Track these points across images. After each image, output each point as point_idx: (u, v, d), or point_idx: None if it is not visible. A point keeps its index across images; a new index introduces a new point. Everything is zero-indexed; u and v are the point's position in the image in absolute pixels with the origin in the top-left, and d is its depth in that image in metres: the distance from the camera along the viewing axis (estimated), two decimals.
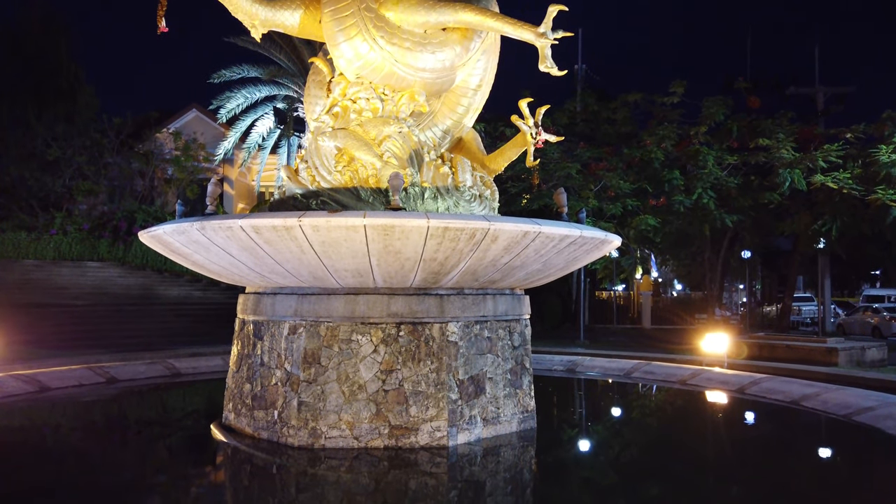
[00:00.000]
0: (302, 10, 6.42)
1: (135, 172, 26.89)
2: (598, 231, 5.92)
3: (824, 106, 26.33)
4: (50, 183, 24.37)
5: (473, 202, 6.53)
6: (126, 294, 19.68)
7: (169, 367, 10.35)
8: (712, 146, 19.43)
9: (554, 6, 5.72)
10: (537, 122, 6.92)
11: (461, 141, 7.21)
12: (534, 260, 5.59)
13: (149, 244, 6.02)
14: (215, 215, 5.58)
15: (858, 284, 47.95)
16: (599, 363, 11.32)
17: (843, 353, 12.43)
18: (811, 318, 33.12)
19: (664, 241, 22.82)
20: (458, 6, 6.16)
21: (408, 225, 4.83)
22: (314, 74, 7.02)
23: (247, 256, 5.27)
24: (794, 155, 18.23)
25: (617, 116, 21.88)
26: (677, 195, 18.79)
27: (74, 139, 24.79)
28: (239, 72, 25.37)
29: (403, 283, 5.54)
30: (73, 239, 21.78)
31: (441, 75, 6.47)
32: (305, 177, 6.34)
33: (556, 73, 5.91)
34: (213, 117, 28.51)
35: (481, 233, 4.98)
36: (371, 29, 6.00)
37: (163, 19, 5.40)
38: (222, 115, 25.67)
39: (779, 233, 24.13)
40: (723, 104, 19.93)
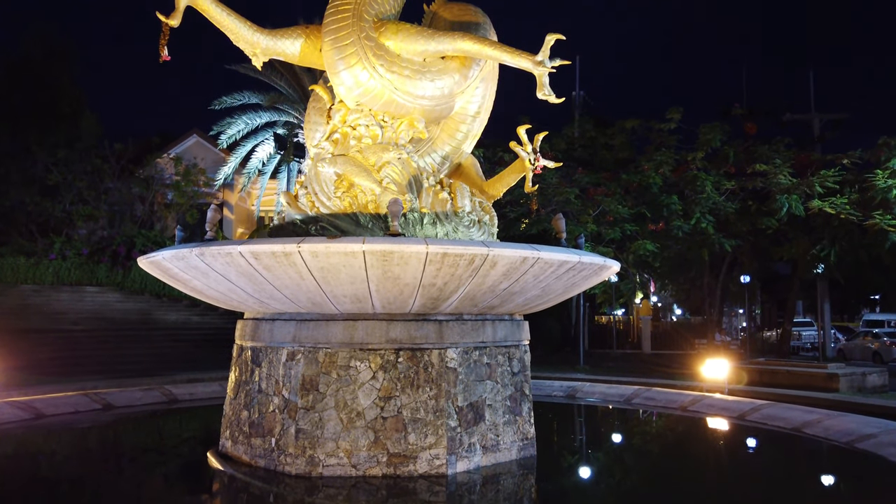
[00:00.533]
0: (303, 39, 6.50)
1: (135, 197, 26.96)
2: (596, 256, 5.92)
3: (820, 132, 26.55)
4: (50, 208, 24.42)
5: (472, 228, 6.55)
6: (124, 319, 19.60)
7: (166, 393, 10.28)
8: (710, 172, 19.55)
9: (551, 35, 5.80)
10: (535, 149, 6.98)
11: (460, 166, 7.26)
12: (533, 286, 5.59)
13: (148, 270, 6.02)
14: (214, 241, 5.59)
15: (858, 309, 47.89)
16: (599, 389, 11.25)
17: (843, 378, 12.37)
18: (811, 344, 33.01)
19: (663, 265, 22.86)
20: (457, 35, 6.24)
21: (407, 251, 4.83)
22: (314, 101, 7.09)
23: (245, 282, 5.26)
24: (792, 181, 18.34)
25: (615, 142, 22.06)
26: (676, 220, 18.86)
27: (75, 164, 24.90)
28: (240, 98, 25.60)
29: (402, 308, 5.53)
30: (71, 264, 21.76)
31: (440, 102, 6.54)
32: (305, 203, 6.37)
33: (553, 101, 5.96)
34: (213, 143, 28.69)
35: (480, 258, 4.98)
36: (371, 57, 6.08)
37: (165, 48, 5.46)
38: (223, 140, 25.84)
39: (777, 258, 24.16)
40: (720, 130, 20.11)
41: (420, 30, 6.31)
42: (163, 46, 5.46)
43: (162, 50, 5.47)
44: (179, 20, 5.61)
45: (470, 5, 7.09)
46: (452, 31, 6.41)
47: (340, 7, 6.16)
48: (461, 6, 7.06)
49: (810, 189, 18.02)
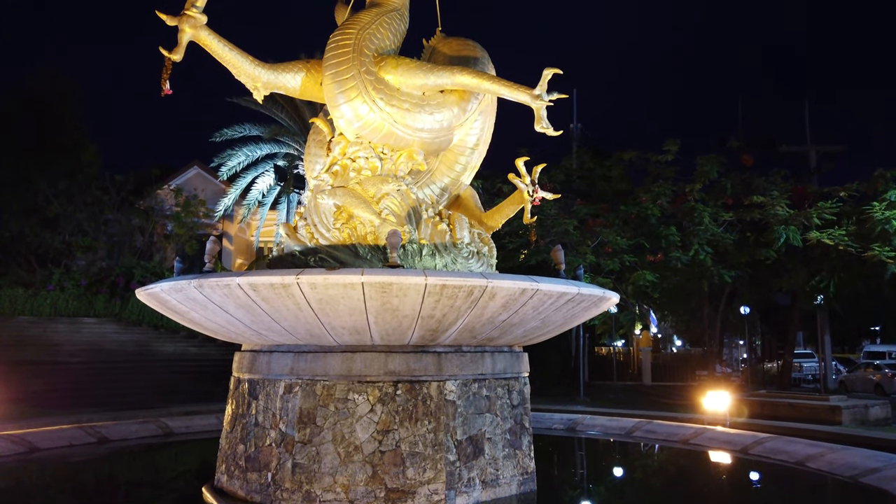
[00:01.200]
0: (304, 73, 6.59)
1: (134, 228, 27.03)
2: (595, 288, 5.92)
3: (817, 164, 26.75)
4: (49, 239, 24.45)
5: (471, 259, 6.56)
6: (121, 350, 19.48)
7: (162, 426, 10.16)
8: (707, 203, 19.65)
9: (548, 70, 5.88)
10: (534, 180, 7.03)
11: (459, 198, 7.30)
12: (532, 317, 5.57)
13: (146, 302, 6.00)
14: (213, 273, 5.59)
15: (858, 340, 47.67)
16: (600, 422, 11.13)
17: (846, 411, 12.26)
18: (812, 375, 32.76)
19: (662, 296, 22.80)
20: (456, 69, 6.33)
21: (405, 282, 4.83)
22: (315, 134, 7.15)
23: (244, 314, 5.25)
24: (789, 212, 18.42)
25: (612, 174, 22.21)
26: (674, 251, 18.90)
27: (76, 196, 25.00)
28: (241, 130, 25.83)
29: (401, 340, 5.50)
30: (69, 295, 21.71)
31: (439, 135, 6.60)
32: (304, 234, 6.38)
33: (551, 134, 6.02)
34: (214, 174, 28.86)
35: (479, 290, 4.98)
36: (371, 91, 6.15)
37: (167, 82, 5.53)
38: (223, 172, 26.00)
39: (776, 289, 24.14)
40: (717, 162, 20.27)
41: (419, 64, 6.41)
42: (165, 80, 5.52)
43: (164, 84, 5.53)
44: (182, 55, 5.69)
45: (468, 40, 7.21)
46: (451, 66, 6.51)
47: (341, 42, 6.26)
48: (460, 41, 7.18)
49: (808, 220, 18.09)
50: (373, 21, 6.48)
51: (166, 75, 5.50)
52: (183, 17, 5.66)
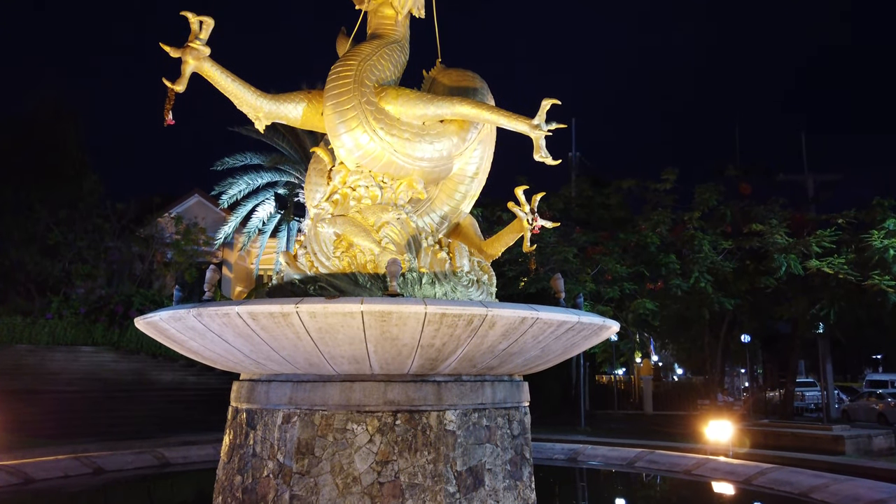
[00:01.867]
0: (305, 104, 6.66)
1: (134, 256, 27.04)
2: (595, 317, 5.90)
3: (814, 192, 26.89)
4: (49, 267, 24.44)
5: (471, 287, 6.55)
6: (119, 379, 19.34)
7: (158, 456, 10.05)
8: (707, 231, 19.70)
9: (547, 100, 5.96)
10: (533, 209, 7.06)
11: (459, 226, 7.33)
12: (532, 346, 5.55)
13: (145, 331, 5.98)
14: (212, 302, 5.58)
15: (860, 369, 47.41)
16: (601, 452, 11.02)
17: (849, 441, 12.16)
18: (815, 404, 32.49)
19: (663, 324, 22.74)
20: (455, 100, 6.41)
21: (405, 311, 4.82)
22: (315, 163, 7.21)
23: (242, 343, 5.22)
24: (788, 240, 18.46)
25: (611, 202, 22.31)
26: (674, 279, 18.88)
27: (76, 224, 25.07)
28: (242, 159, 26.00)
29: (400, 369, 5.47)
30: (68, 323, 21.63)
31: (439, 164, 6.65)
32: (304, 262, 6.39)
33: (550, 163, 6.07)
34: (214, 202, 28.98)
35: (479, 319, 4.96)
36: (371, 121, 6.21)
37: (170, 113, 5.59)
38: (224, 200, 26.11)
39: (777, 317, 24.08)
40: (715, 190, 20.37)
41: (419, 94, 6.49)
42: (168, 111, 5.58)
43: (167, 114, 5.59)
44: (185, 86, 5.76)
45: (468, 71, 7.31)
46: (451, 96, 6.59)
47: (342, 73, 6.34)
48: (459, 72, 7.27)
49: (807, 249, 18.12)
50: (374, 53, 6.58)
51: (169, 106, 5.56)
52: (186, 49, 5.74)
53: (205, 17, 5.77)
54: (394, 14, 6.95)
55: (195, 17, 5.75)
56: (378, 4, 6.96)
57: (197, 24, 5.77)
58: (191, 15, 5.75)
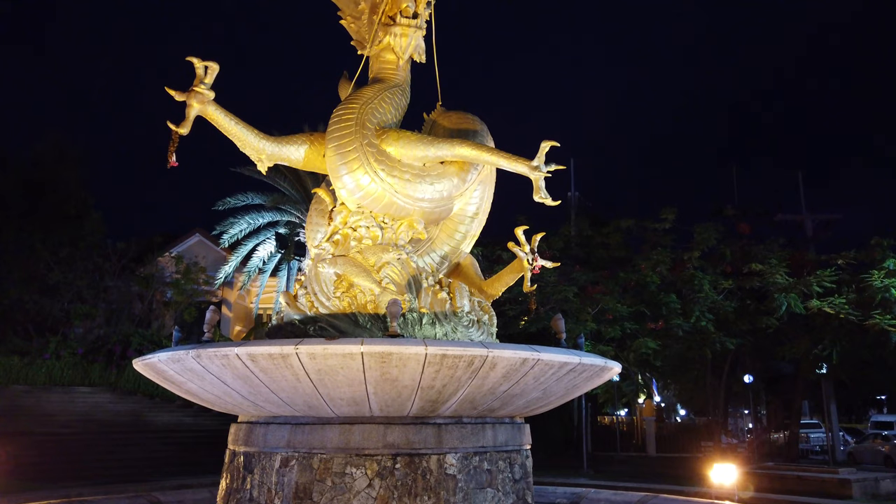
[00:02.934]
0: (307, 146, 6.75)
1: (134, 296, 26.98)
2: (597, 358, 5.87)
3: (813, 232, 26.98)
4: (48, 307, 24.37)
5: (471, 328, 6.53)
6: (115, 421, 19.09)
7: (153, 500, 9.85)
8: (706, 271, 19.70)
9: (546, 142, 6.04)
10: (533, 249, 7.08)
11: (459, 266, 7.35)
12: (533, 387, 5.51)
13: (143, 372, 5.94)
14: (211, 343, 5.56)
15: (865, 410, 46.84)
16: (605, 496, 10.80)
17: (856, 484, 11.96)
18: (820, 447, 32.01)
19: (665, 364, 22.54)
20: (455, 141, 6.50)
21: (405, 352, 4.80)
22: (316, 203, 7.26)
23: (241, 385, 5.19)
24: (788, 280, 18.44)
25: (610, 241, 22.36)
26: (675, 318, 18.81)
27: (77, 263, 25.08)
28: (244, 199, 26.15)
29: (400, 411, 5.42)
30: (65, 363, 21.44)
31: (439, 205, 6.71)
32: (304, 303, 6.38)
33: (550, 203, 6.12)
34: (215, 241, 29.05)
35: (479, 360, 4.94)
36: (372, 162, 6.29)
37: (174, 154, 5.66)
38: (225, 239, 26.16)
39: (779, 357, 23.90)
40: (714, 230, 20.43)
41: (420, 137, 6.58)
42: (171, 153, 5.65)
43: (170, 156, 5.66)
44: (189, 129, 5.84)
45: (468, 114, 7.42)
46: (451, 138, 6.69)
47: (344, 116, 6.44)
48: (459, 115, 7.39)
49: (808, 289, 18.10)
50: (375, 96, 6.69)
51: (173, 148, 5.63)
52: (192, 94, 5.84)
53: (210, 62, 5.89)
54: (395, 59, 7.09)
55: (201, 62, 5.87)
56: (380, 50, 7.11)
57: (202, 69, 5.88)
58: (196, 60, 5.87)
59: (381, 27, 7.02)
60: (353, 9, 7.39)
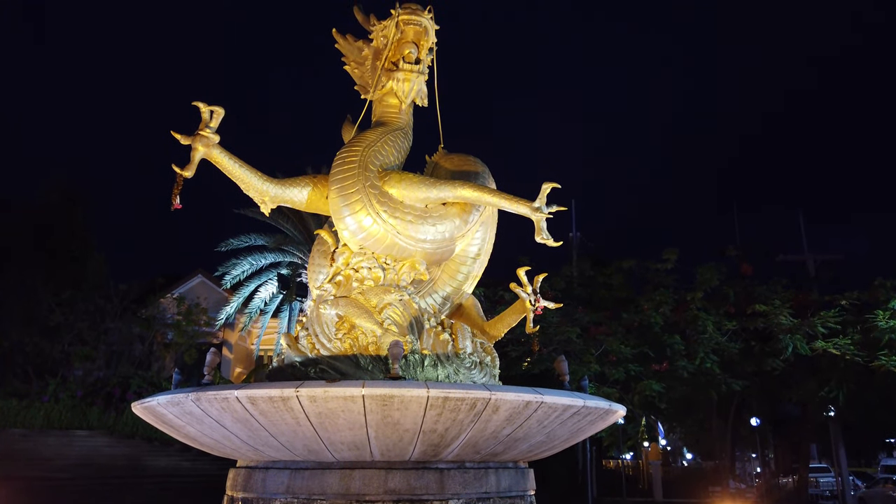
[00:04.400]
0: (310, 188, 6.82)
1: (135, 337, 26.85)
2: (601, 401, 5.80)
3: (815, 273, 26.93)
4: (48, 348, 24.23)
5: (474, 369, 6.48)
6: (112, 465, 18.81)
7: None
8: (710, 312, 19.61)
9: (547, 184, 6.10)
10: (536, 290, 7.07)
11: (461, 307, 7.33)
12: (537, 431, 5.43)
13: (142, 416, 5.87)
14: (211, 385, 5.51)
15: (874, 453, 46.02)
16: None
17: None
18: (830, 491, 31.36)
19: (670, 407, 22.27)
20: (457, 183, 6.56)
21: (407, 395, 4.74)
22: (319, 244, 7.29)
23: (241, 428, 5.12)
24: (793, 321, 18.35)
25: (613, 282, 22.31)
26: (680, 360, 18.65)
27: (78, 305, 25.03)
28: (246, 240, 26.26)
29: (402, 456, 5.33)
30: (63, 406, 21.22)
31: (441, 246, 6.73)
32: (305, 344, 6.35)
33: (551, 244, 6.14)
34: (217, 282, 29.00)
35: (482, 403, 4.88)
36: (375, 204, 6.34)
37: (178, 197, 5.71)
38: (227, 281, 26.17)
39: (786, 399, 23.62)
40: (716, 270, 20.42)
41: (422, 178, 6.65)
42: (175, 195, 5.70)
43: (175, 199, 5.71)
44: (193, 171, 5.91)
45: (469, 156, 7.51)
46: (453, 180, 6.75)
47: (347, 159, 6.52)
48: (461, 157, 7.48)
49: (812, 329, 17.99)
50: (378, 139, 6.78)
51: (177, 190, 5.69)
52: (197, 137, 5.92)
53: (216, 106, 5.99)
54: (398, 103, 7.21)
55: (206, 106, 5.97)
56: (383, 94, 7.24)
57: (208, 113, 5.98)
58: (202, 105, 5.97)
59: (384, 73, 7.15)
60: (357, 55, 7.57)
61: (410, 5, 7.05)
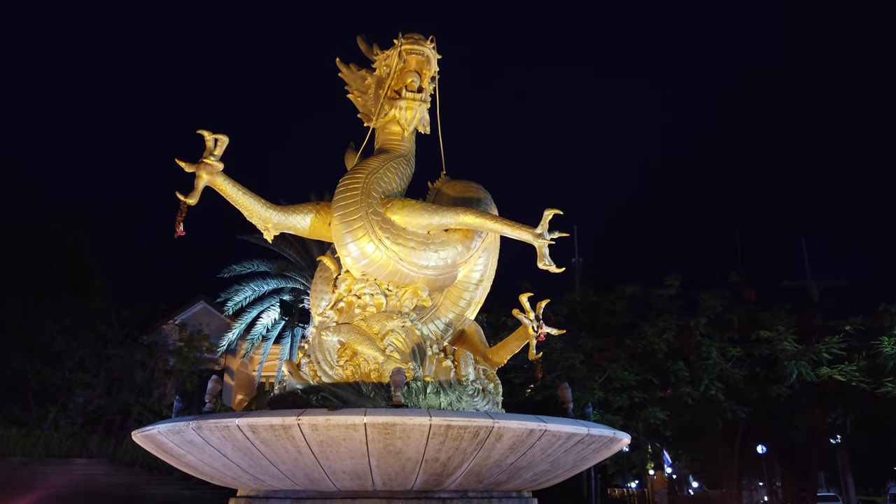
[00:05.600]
0: (313, 215, 6.84)
1: (136, 364, 26.72)
2: (606, 428, 5.74)
3: (820, 298, 26.82)
4: (49, 375, 24.12)
5: (476, 397, 6.43)
6: (111, 494, 18.59)
7: None
8: (713, 337, 19.50)
9: (549, 210, 6.11)
10: (538, 316, 7.05)
11: (463, 333, 7.31)
12: (541, 460, 5.37)
13: (142, 445, 5.83)
14: (212, 413, 5.48)
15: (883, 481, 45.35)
16: None
17: None
18: None
19: (675, 434, 22.02)
20: (459, 209, 6.58)
21: (409, 423, 4.71)
22: (321, 271, 7.29)
23: (242, 457, 5.07)
24: (797, 347, 18.23)
25: (616, 307, 22.22)
26: (684, 387, 18.50)
27: (80, 332, 24.96)
28: (249, 267, 26.26)
29: (404, 485, 5.27)
30: (63, 434, 21.04)
31: (443, 272, 6.73)
32: (307, 371, 6.31)
33: (554, 271, 6.14)
34: (220, 309, 28.93)
35: (485, 431, 4.84)
36: (377, 230, 6.36)
37: (181, 224, 5.73)
38: (229, 307, 26.11)
39: (792, 427, 23.36)
40: (720, 296, 20.34)
41: (424, 205, 6.67)
42: (179, 223, 5.73)
43: (178, 226, 5.74)
44: (197, 199, 5.94)
45: (471, 182, 7.54)
46: (455, 206, 6.77)
47: (350, 186, 6.55)
48: (463, 183, 7.51)
49: (817, 356, 17.86)
50: (381, 166, 6.83)
51: (181, 218, 5.71)
52: (201, 165, 5.97)
53: (220, 135, 6.04)
54: (400, 131, 7.27)
55: (211, 134, 6.03)
56: (385, 122, 7.31)
57: (212, 141, 6.03)
58: (207, 133, 6.02)
59: (386, 101, 7.22)
60: (360, 84, 7.65)
61: (413, 35, 7.15)
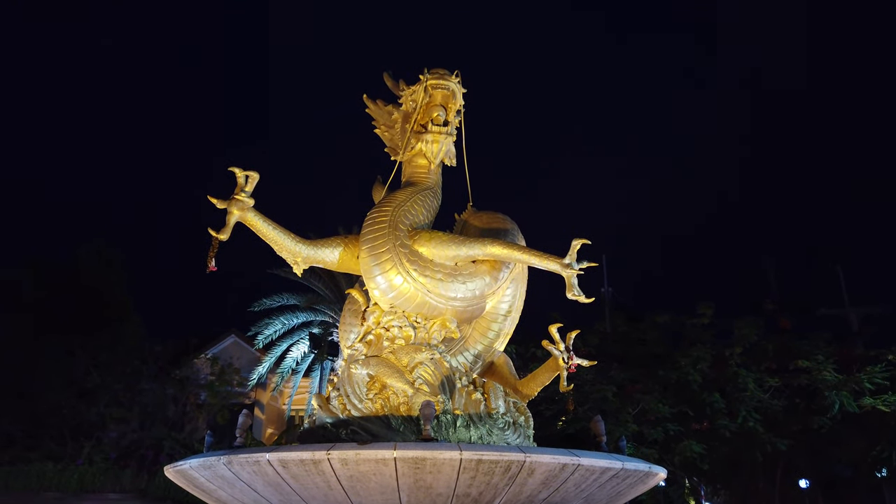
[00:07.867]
0: (341, 248, 6.91)
1: (168, 398, 26.94)
2: (641, 463, 5.61)
3: (859, 326, 26.08)
4: (84, 411, 24.42)
5: (507, 430, 6.35)
6: None
7: None
8: (749, 367, 19.02)
9: (577, 240, 6.08)
10: (568, 347, 6.96)
11: (493, 365, 7.25)
12: (574, 495, 5.25)
13: (174, 480, 5.85)
14: (243, 448, 5.49)
15: None
16: None
17: None
18: None
19: (713, 468, 21.38)
20: (487, 241, 6.59)
21: (439, 457, 4.66)
22: (350, 304, 7.33)
23: (272, 492, 5.06)
24: (838, 377, 17.70)
25: (647, 337, 21.84)
26: (720, 419, 18.03)
27: (115, 367, 25.29)
28: (279, 300, 26.52)
29: None
30: (97, 469, 21.24)
31: (472, 303, 6.71)
32: (336, 405, 6.31)
33: (583, 301, 6.09)
34: (250, 342, 29.18)
35: (517, 465, 4.76)
36: (405, 263, 6.39)
37: (213, 259, 5.83)
38: (259, 340, 26.34)
39: (836, 460, 22.53)
40: (754, 325, 19.90)
41: (452, 237, 6.70)
42: (211, 258, 5.83)
43: (210, 261, 5.84)
44: (229, 234, 6.05)
45: (498, 213, 7.56)
46: (482, 237, 6.78)
47: (378, 219, 6.62)
48: (490, 214, 7.53)
49: (859, 386, 17.31)
50: (408, 199, 6.88)
51: (213, 253, 5.82)
52: (232, 201, 6.09)
53: (251, 171, 6.17)
54: (427, 164, 7.34)
55: (242, 172, 6.16)
56: (412, 155, 7.39)
57: (243, 178, 6.16)
58: (238, 170, 6.16)
59: (413, 135, 7.32)
60: (387, 119, 7.78)
61: (438, 70, 7.26)
